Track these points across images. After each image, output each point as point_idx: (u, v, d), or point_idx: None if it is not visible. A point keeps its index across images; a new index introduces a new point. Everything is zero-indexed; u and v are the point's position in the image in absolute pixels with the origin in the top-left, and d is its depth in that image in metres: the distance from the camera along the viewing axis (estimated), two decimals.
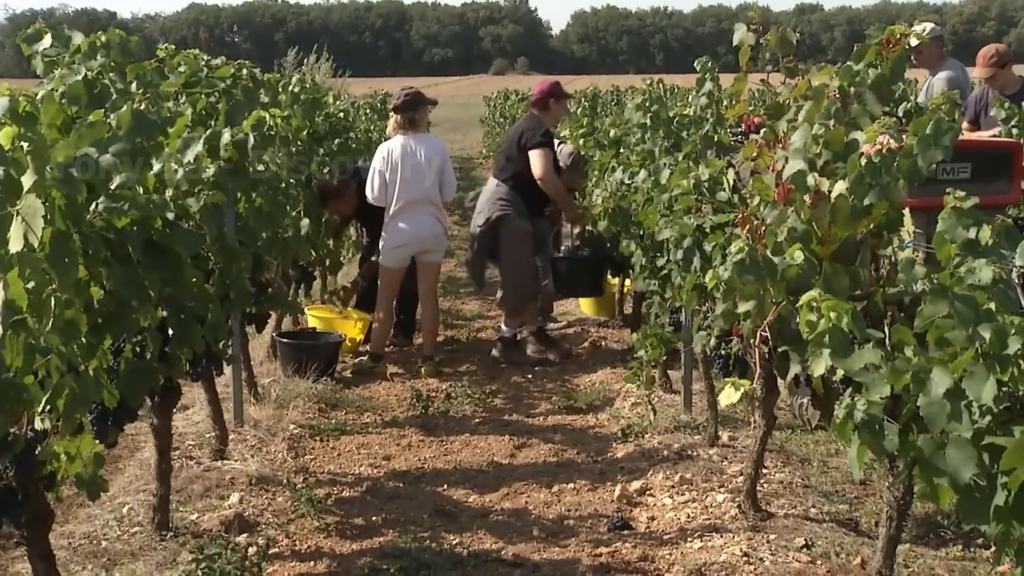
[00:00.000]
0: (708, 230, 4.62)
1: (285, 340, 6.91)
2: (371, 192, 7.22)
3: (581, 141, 8.45)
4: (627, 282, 8.09)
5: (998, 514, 2.24)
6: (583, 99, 11.51)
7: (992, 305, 2.43)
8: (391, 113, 7.43)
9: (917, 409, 2.46)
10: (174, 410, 4.45)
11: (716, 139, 5.32)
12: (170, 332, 3.78)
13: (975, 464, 2.28)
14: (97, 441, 3.24)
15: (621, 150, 7.16)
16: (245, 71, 5.61)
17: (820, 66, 3.92)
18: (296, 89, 7.35)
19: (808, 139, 3.61)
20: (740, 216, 4.02)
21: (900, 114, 6.64)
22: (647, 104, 6.16)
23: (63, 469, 3.05)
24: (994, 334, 2.32)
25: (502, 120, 20.29)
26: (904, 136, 3.36)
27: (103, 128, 3.09)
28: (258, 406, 5.97)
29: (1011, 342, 2.29)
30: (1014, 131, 6.05)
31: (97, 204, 3.14)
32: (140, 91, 3.90)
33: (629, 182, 6.42)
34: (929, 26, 8.02)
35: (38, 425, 2.94)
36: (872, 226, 3.52)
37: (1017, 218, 5.02)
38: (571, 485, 5.02)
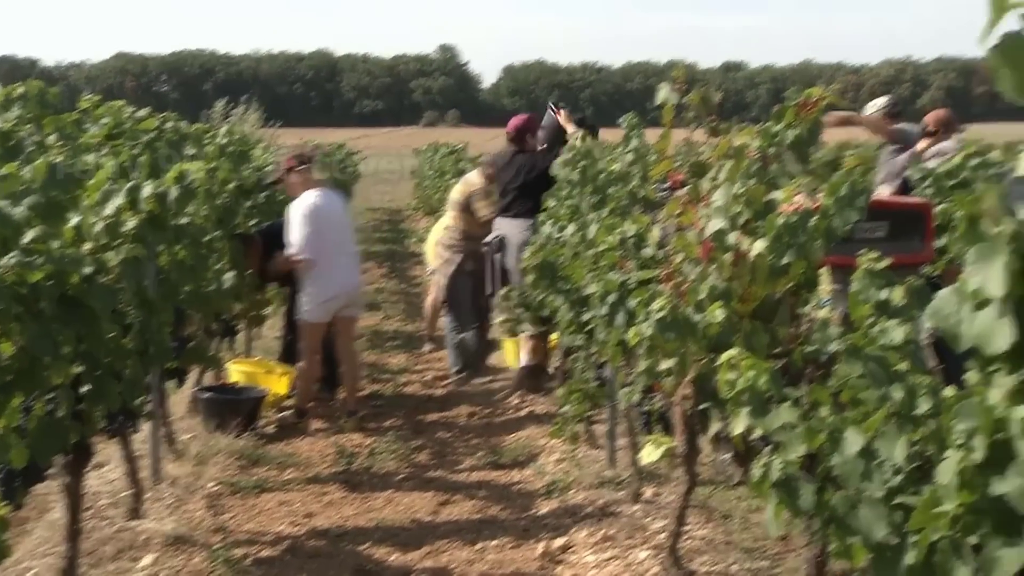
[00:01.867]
0: (633, 286, 4.65)
1: (206, 395, 6.79)
2: (301, 249, 7.04)
3: None
4: (553, 337, 8.11)
5: (909, 573, 2.26)
6: None
7: (904, 365, 2.48)
8: (292, 169, 7.27)
9: (832, 468, 2.49)
10: (88, 468, 4.33)
11: (642, 195, 5.38)
12: (85, 389, 3.69)
13: (887, 523, 2.31)
14: (3, 503, 3.14)
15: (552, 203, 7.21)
16: (170, 123, 5.56)
17: (741, 126, 4.00)
18: (223, 141, 7.30)
19: (729, 198, 3.67)
20: (664, 273, 4.06)
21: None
22: (576, 160, 6.21)
23: None
24: (905, 394, 2.37)
25: (431, 173, 20.33)
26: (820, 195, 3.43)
27: (16, 181, 3.03)
28: (177, 463, 5.85)
29: (921, 402, 2.34)
30: (928, 192, 6.22)
31: (9, 259, 3.08)
32: (58, 143, 3.85)
33: (558, 236, 6.45)
34: (881, 101, 8.26)
35: None
36: (791, 284, 3.58)
37: (931, 276, 5.15)
38: (494, 542, 4.98)
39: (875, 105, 8.14)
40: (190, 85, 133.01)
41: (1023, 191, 1.86)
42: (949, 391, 2.22)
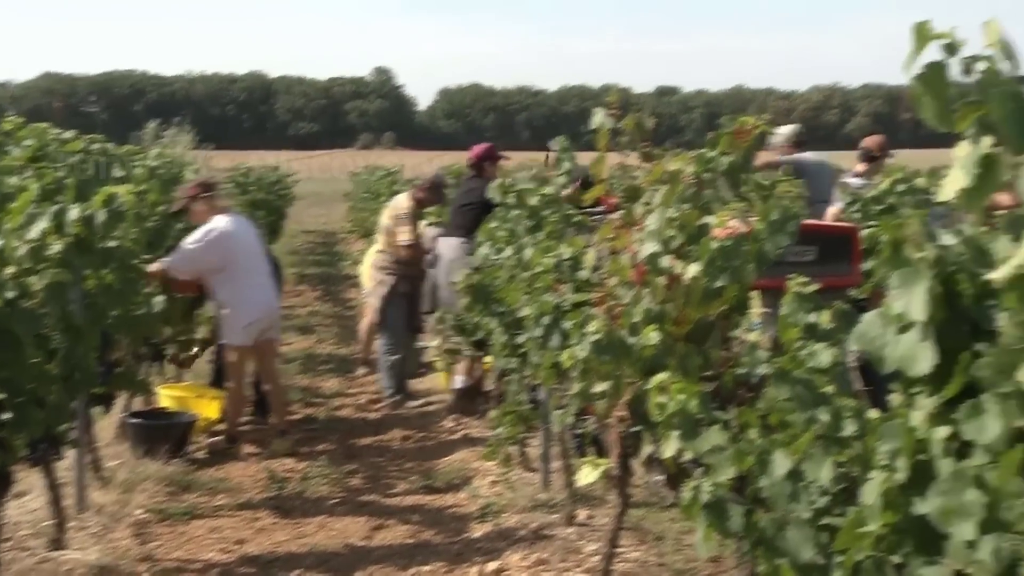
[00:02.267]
0: (567, 308, 4.66)
1: (135, 420, 6.66)
2: (174, 263, 6.67)
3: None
4: (487, 359, 8.10)
5: None
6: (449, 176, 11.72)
7: (830, 388, 2.52)
8: (196, 197, 6.94)
9: (761, 490, 2.51)
10: (7, 497, 4.21)
11: (577, 219, 5.41)
12: (6, 416, 3.60)
13: (813, 544, 2.34)
14: None
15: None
16: (97, 145, 5.47)
17: (675, 152, 4.05)
18: (154, 163, 7.20)
19: (663, 222, 3.70)
20: (598, 296, 4.08)
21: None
22: (510, 186, 6.23)
23: None
24: (831, 417, 2.40)
25: (367, 196, 20.23)
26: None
27: None
28: (103, 490, 5.72)
29: (846, 424, 2.38)
30: (856, 216, 6.35)
31: None
32: None
33: (495, 258, 6.44)
34: (787, 130, 8.41)
35: None
36: (724, 307, 3.61)
37: (858, 300, 5.24)
38: (428, 567, 4.94)
39: (781, 133, 8.29)
40: (120, 106, 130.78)
41: (944, 215, 1.90)
42: (873, 413, 2.26)
